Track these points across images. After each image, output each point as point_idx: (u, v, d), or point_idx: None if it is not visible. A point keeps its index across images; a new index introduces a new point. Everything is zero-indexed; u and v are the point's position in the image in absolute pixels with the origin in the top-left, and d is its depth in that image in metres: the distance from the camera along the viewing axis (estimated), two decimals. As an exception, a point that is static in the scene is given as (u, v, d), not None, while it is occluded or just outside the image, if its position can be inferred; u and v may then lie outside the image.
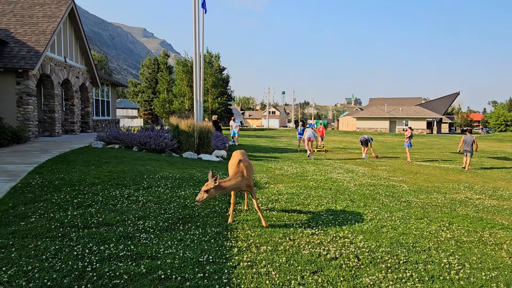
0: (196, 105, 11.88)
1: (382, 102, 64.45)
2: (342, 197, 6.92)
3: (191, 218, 4.74)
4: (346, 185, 8.27)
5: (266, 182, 8.00)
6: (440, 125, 61.88)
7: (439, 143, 30.66)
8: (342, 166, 11.99)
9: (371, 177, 9.84)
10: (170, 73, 44.46)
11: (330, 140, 29.79)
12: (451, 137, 44.91)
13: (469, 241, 4.63)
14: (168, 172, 7.81)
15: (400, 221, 5.42)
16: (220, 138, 13.75)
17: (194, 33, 11.76)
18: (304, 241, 4.17)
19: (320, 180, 8.79)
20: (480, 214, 6.16)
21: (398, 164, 13.58)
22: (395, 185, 8.60)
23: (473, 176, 11.13)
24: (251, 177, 4.70)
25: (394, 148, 22.33)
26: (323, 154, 16.23)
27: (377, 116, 54.33)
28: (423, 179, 9.92)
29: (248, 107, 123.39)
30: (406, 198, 7.21)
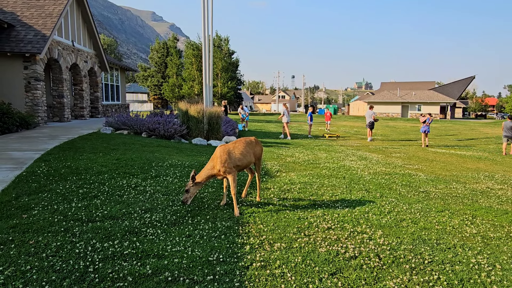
0: (206, 90, 11.56)
1: (394, 86, 63.04)
2: (357, 186, 6.63)
3: (200, 210, 4.53)
4: (360, 174, 7.97)
5: (278, 170, 7.74)
6: (453, 110, 60.40)
7: (453, 128, 29.89)
8: (354, 153, 11.65)
9: (386, 164, 9.50)
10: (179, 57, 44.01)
11: (341, 125, 29.29)
12: (465, 122, 43.83)
13: (496, 237, 4.33)
14: (177, 159, 7.60)
15: (420, 214, 5.12)
16: (230, 123, 13.48)
17: (203, 15, 11.34)
18: (320, 237, 3.92)
19: (333, 168, 8.50)
20: (505, 206, 5.82)
21: (412, 151, 13.16)
22: (411, 174, 8.26)
23: (492, 164, 10.69)
24: (227, 164, 4.45)
25: (407, 134, 21.79)
26: (335, 140, 15.86)
27: (389, 101, 53.20)
28: (440, 167, 9.53)
29: (257, 91, 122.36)
30: (424, 188, 6.88)
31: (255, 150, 4.86)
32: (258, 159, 4.98)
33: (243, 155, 4.62)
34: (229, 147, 4.63)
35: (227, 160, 4.44)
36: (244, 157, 4.63)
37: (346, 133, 20.85)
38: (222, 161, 4.42)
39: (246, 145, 4.76)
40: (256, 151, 4.90)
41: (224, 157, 4.45)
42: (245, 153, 4.65)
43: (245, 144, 4.75)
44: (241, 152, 4.62)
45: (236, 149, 4.62)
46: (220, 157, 4.44)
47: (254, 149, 4.86)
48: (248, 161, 4.72)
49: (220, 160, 4.43)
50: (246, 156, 4.67)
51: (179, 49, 47.33)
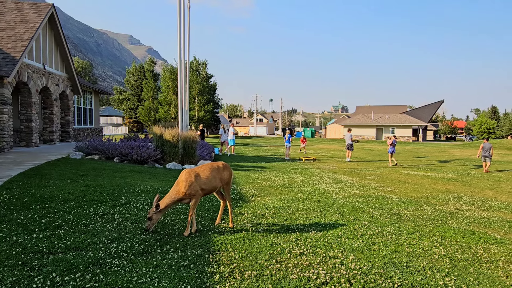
0: (181, 114, 11.52)
1: (369, 110, 65.16)
2: (331, 210, 6.67)
3: (170, 238, 4.40)
4: (334, 197, 8.03)
5: (253, 194, 7.69)
6: (425, 132, 62.86)
7: (425, 150, 30.96)
8: (330, 176, 11.79)
9: (360, 187, 9.64)
10: (156, 80, 43.96)
11: (318, 148, 29.74)
12: (436, 144, 45.57)
13: (463, 258, 4.42)
14: (150, 185, 7.42)
15: (392, 236, 5.18)
16: (206, 147, 13.40)
17: (179, 40, 11.46)
18: (292, 263, 3.88)
19: (308, 191, 8.54)
20: (472, 227, 5.99)
21: (386, 173, 13.46)
22: (384, 196, 8.41)
23: (461, 185, 11.06)
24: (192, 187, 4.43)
25: (381, 156, 22.35)
26: (311, 163, 16.03)
27: (364, 124, 54.79)
28: (412, 189, 9.77)
29: (235, 114, 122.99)
30: (396, 210, 7.00)
31: (222, 175, 4.84)
32: (226, 184, 4.94)
33: (208, 180, 4.60)
34: (195, 170, 4.61)
35: (193, 183, 4.41)
36: (209, 181, 4.61)
37: (323, 156, 21.15)
38: (188, 184, 4.38)
39: (213, 169, 4.75)
40: (224, 176, 4.87)
41: (190, 180, 4.41)
42: (211, 178, 4.63)
43: (211, 169, 4.73)
44: (207, 176, 4.60)
45: (202, 173, 4.60)
46: (185, 181, 4.40)
47: (221, 174, 4.83)
48: (213, 186, 4.70)
49: (185, 183, 4.38)
50: (212, 181, 4.65)
51: (156, 72, 47.34)
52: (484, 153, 15.36)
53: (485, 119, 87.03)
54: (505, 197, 9.22)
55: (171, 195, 4.44)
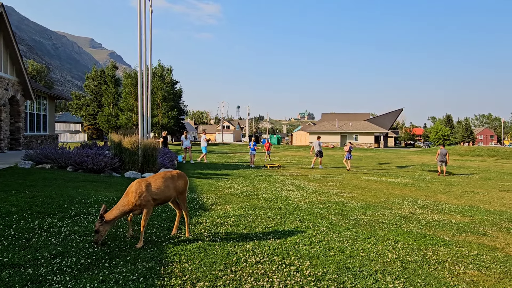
0: (142, 120, 11.18)
1: (333, 117, 67.03)
2: (291, 217, 6.70)
3: (121, 251, 4.19)
4: (296, 204, 8.10)
5: (213, 203, 7.57)
6: (386, 139, 65.58)
7: (385, 156, 32.23)
8: (293, 182, 11.90)
9: (322, 194, 9.81)
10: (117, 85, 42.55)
11: (284, 155, 30.05)
12: (396, 150, 47.62)
13: (413, 261, 4.57)
14: (105, 195, 7.09)
15: (348, 241, 5.28)
16: (168, 155, 13.08)
17: (139, 43, 11.17)
18: (247, 272, 3.82)
19: (270, 199, 8.55)
20: (424, 230, 6.24)
21: (348, 179, 13.82)
22: (344, 202, 8.59)
23: (416, 190, 11.57)
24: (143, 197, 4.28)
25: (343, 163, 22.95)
26: (276, 170, 16.13)
27: (328, 131, 56.23)
28: (370, 195, 10.08)
29: (202, 121, 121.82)
30: (355, 215, 7.17)
31: (176, 184, 4.71)
32: (181, 194, 4.81)
33: (161, 190, 4.46)
34: (146, 180, 4.46)
35: (143, 193, 4.25)
36: (162, 191, 4.47)
37: (288, 162, 21.37)
38: (138, 194, 4.22)
39: (167, 179, 4.61)
40: (178, 186, 4.74)
41: (140, 190, 4.26)
42: (163, 188, 4.49)
43: (164, 178, 4.60)
44: (159, 186, 4.46)
45: (154, 182, 4.46)
46: (135, 191, 4.24)
47: (176, 183, 4.70)
48: (167, 196, 4.57)
49: (135, 194, 4.22)
50: (165, 190, 4.51)
51: (118, 77, 45.87)
52: (441, 158, 16.66)
53: (440, 126, 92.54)
54: (455, 200, 9.75)
55: (119, 206, 4.24)
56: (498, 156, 34.51)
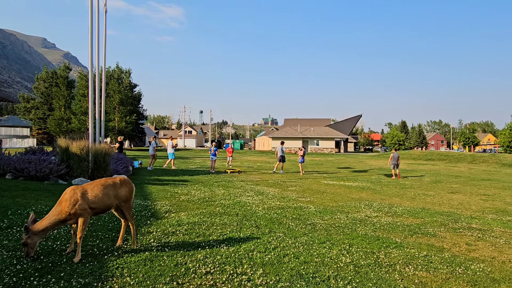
0: (92, 124, 10.54)
1: (296, 122, 68.19)
2: (248, 223, 6.54)
3: (55, 266, 3.79)
4: (254, 209, 7.96)
5: (167, 210, 7.24)
6: (346, 144, 67.73)
7: (345, 161, 33.16)
8: (253, 188, 11.78)
9: (281, 198, 9.75)
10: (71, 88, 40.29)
11: (246, 160, 29.96)
12: (355, 155, 49.25)
13: (366, 264, 4.58)
14: (45, 204, 6.53)
15: (304, 247, 5.21)
16: (122, 161, 12.45)
17: (91, 43, 10.57)
18: (194, 284, 3.59)
19: (228, 205, 8.34)
20: (377, 233, 6.34)
21: (307, 183, 13.93)
22: (302, 207, 8.58)
23: (372, 193, 11.87)
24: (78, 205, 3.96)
25: (305, 168, 23.27)
26: (237, 175, 15.95)
27: (291, 136, 57.02)
28: (329, 199, 10.18)
29: (163, 126, 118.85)
30: (312, 220, 7.15)
31: (118, 192, 4.37)
32: (125, 202, 4.46)
33: (99, 198, 4.12)
34: (82, 187, 4.11)
35: (78, 201, 3.90)
36: (101, 199, 4.13)
37: (249, 168, 21.27)
38: (72, 203, 3.87)
39: (106, 186, 4.26)
40: (121, 193, 4.40)
41: (75, 198, 3.90)
42: (102, 196, 4.15)
43: (104, 185, 4.25)
44: (97, 194, 4.11)
45: (91, 190, 4.11)
46: (69, 199, 3.88)
47: (118, 191, 4.36)
48: (106, 204, 4.23)
49: (69, 202, 3.87)
50: (104, 198, 4.17)
51: (72, 79, 43.49)
52: (394, 162, 17.62)
53: (396, 132, 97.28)
54: (408, 202, 10.10)
55: (51, 215, 3.86)
56: (448, 160, 36.78)
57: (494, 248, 5.66)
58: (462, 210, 9.13)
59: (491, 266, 4.79)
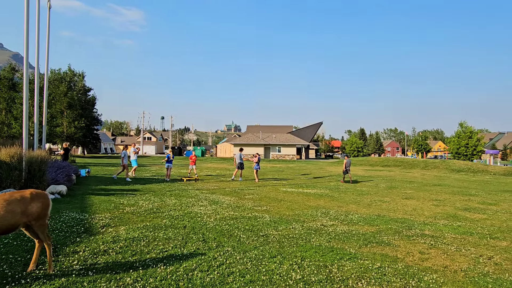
0: (26, 129, 9.48)
1: (258, 129, 68.25)
2: (195, 237, 6.00)
3: None
4: (205, 221, 7.42)
5: (105, 224, 6.50)
6: (308, 151, 68.76)
7: (306, 168, 33.39)
8: (208, 197, 11.20)
9: (236, 208, 9.28)
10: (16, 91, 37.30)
11: (206, 167, 29.20)
12: (316, 162, 49.99)
13: (317, 280, 4.23)
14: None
15: (252, 263, 4.77)
16: (64, 169, 11.37)
17: (26, 41, 9.55)
18: (113, 318, 3.00)
19: (177, 216, 7.73)
20: (332, 243, 6.06)
21: (266, 191, 13.58)
22: (257, 217, 8.17)
23: (330, 200, 11.74)
24: None
25: (265, 174, 23.01)
26: (193, 183, 15.26)
27: (253, 143, 56.87)
28: (286, 207, 9.86)
29: (120, 132, 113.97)
30: (265, 231, 6.75)
31: (28, 208, 3.67)
32: (36, 220, 3.75)
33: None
34: None
35: None
36: (2, 217, 3.42)
37: (208, 175, 20.61)
38: None
39: (11, 201, 3.56)
40: (31, 210, 3.70)
41: None
42: (3, 213, 3.45)
43: (8, 201, 3.54)
44: None
45: None
46: None
47: (27, 206, 3.67)
48: (11, 224, 3.53)
49: None
50: (7, 216, 3.47)
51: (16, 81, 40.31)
52: (346, 167, 18.57)
53: (355, 139, 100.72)
54: (364, 209, 10.03)
55: None
56: (402, 166, 38.32)
57: (446, 256, 5.56)
58: (416, 216, 9.17)
59: (444, 276, 4.63)
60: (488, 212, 10.01)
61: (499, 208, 10.82)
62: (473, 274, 4.78)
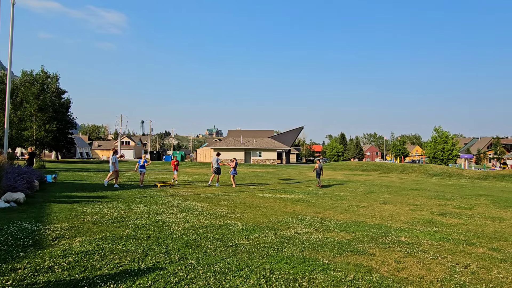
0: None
1: (239, 133, 67.90)
2: (157, 248, 5.53)
3: None
4: (172, 230, 6.95)
5: (59, 236, 5.93)
6: (288, 155, 68.86)
7: (286, 172, 33.20)
8: (180, 203, 10.70)
9: (208, 215, 8.84)
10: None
11: (183, 172, 28.55)
12: (297, 166, 49.98)
13: (285, 297, 3.85)
14: None
15: (215, 278, 4.36)
16: (25, 175, 10.61)
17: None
18: None
19: (142, 225, 7.22)
20: (305, 253, 5.71)
21: (242, 197, 13.17)
22: (229, 224, 7.76)
23: (307, 206, 11.44)
24: None
25: (243, 180, 22.62)
26: (167, 189, 14.69)
27: (233, 147, 56.40)
28: (261, 214, 9.49)
29: (98, 136, 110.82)
30: (236, 240, 6.35)
31: None
32: None
33: None
34: None
35: None
36: None
37: (184, 180, 20.05)
38: None
39: None
40: None
41: None
42: None
43: None
44: None
45: None
46: None
47: None
48: None
49: None
50: None
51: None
52: (318, 171, 18.79)
53: (335, 144, 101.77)
54: (341, 215, 9.77)
55: None
56: (381, 171, 38.73)
57: (423, 265, 5.31)
58: (393, 222, 8.98)
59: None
60: (464, 217, 9.95)
61: (474, 213, 10.81)
62: (449, 285, 4.54)
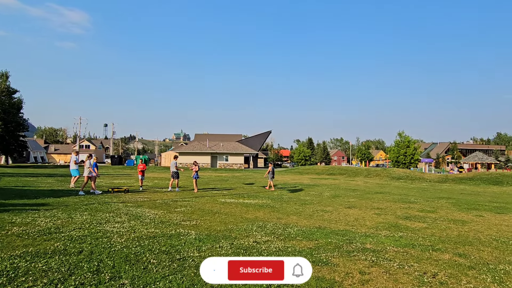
0: None
1: (206, 137, 66.64)
2: (86, 266, 4.66)
3: None
4: (112, 242, 6.05)
5: (-36, 254, 4.88)
6: (256, 160, 68.41)
7: (252, 177, 32.62)
8: (131, 210, 9.73)
9: (159, 224, 7.97)
10: None
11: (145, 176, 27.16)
12: (264, 171, 49.57)
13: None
14: None
15: (149, 303, 3.58)
16: None
17: None
18: None
19: (77, 237, 6.26)
20: (261, 266, 5.04)
21: (201, 202, 12.36)
22: (181, 234, 6.96)
23: (270, 212, 10.84)
24: None
25: (208, 184, 21.77)
26: (121, 195, 13.55)
27: (199, 151, 55.12)
28: (219, 221, 8.75)
29: (55, 139, 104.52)
30: (185, 253, 5.59)
31: None
32: None
33: None
34: None
35: None
36: None
37: (143, 185, 18.85)
38: None
39: None
40: None
41: None
42: None
43: None
44: None
45: None
46: None
47: None
48: None
49: None
50: None
51: None
52: (271, 176, 18.95)
53: (303, 148, 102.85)
54: (305, 221, 9.25)
55: None
56: (347, 174, 39.19)
57: (389, 276, 4.83)
58: (358, 227, 8.57)
59: (387, 306, 3.82)
60: (428, 221, 9.76)
61: (438, 216, 10.69)
62: (418, 300, 4.05)
